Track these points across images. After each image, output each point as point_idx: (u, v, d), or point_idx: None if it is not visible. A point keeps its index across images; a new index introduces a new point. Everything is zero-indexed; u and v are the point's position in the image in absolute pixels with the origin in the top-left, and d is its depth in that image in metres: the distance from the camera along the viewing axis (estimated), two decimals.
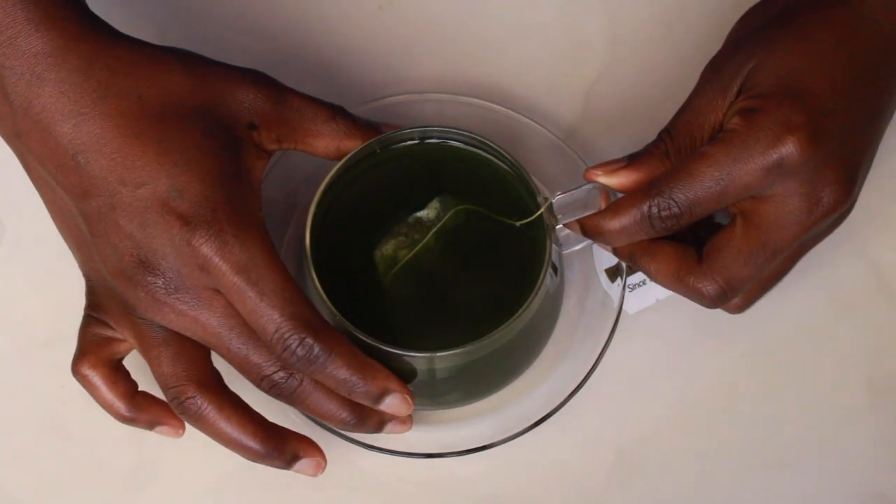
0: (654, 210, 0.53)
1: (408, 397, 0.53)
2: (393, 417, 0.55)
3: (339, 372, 0.52)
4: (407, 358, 0.54)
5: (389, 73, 0.67)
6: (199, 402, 0.53)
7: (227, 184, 0.51)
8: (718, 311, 0.62)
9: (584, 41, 0.68)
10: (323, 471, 0.56)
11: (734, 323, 0.63)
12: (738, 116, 0.52)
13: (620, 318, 0.61)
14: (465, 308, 0.56)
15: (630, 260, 0.56)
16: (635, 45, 0.67)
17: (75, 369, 0.56)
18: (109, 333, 0.55)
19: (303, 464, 0.55)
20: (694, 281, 0.54)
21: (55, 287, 0.63)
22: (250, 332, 0.52)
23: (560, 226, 0.56)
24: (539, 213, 0.56)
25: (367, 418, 0.54)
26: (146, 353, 0.54)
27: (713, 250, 0.54)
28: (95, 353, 0.55)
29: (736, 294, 0.54)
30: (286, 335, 0.50)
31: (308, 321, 0.51)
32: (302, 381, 0.52)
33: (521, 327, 0.55)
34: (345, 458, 0.61)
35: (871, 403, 0.62)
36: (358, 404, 0.54)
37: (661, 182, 0.53)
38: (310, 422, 0.59)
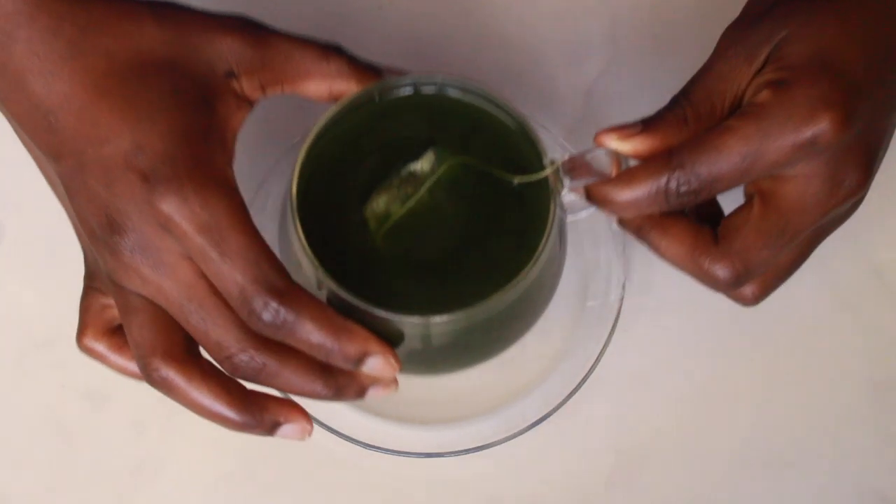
0: (673, 185, 0.49)
1: (391, 358, 0.50)
2: (375, 381, 0.51)
3: (312, 335, 0.48)
4: (394, 321, 0.50)
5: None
6: (164, 374, 0.50)
7: (192, 139, 0.49)
8: (717, 312, 0.62)
9: (584, 41, 0.68)
10: (310, 434, 0.52)
11: (734, 323, 0.63)
12: (769, 89, 0.49)
13: (620, 318, 0.61)
14: (461, 270, 0.52)
15: (638, 233, 0.52)
16: (635, 45, 0.67)
17: (79, 343, 0.54)
18: (104, 300, 0.54)
19: (286, 429, 0.52)
20: (710, 263, 0.51)
21: (55, 287, 0.63)
22: (215, 306, 0.49)
23: (566, 192, 0.52)
24: (544, 174, 0.51)
25: (345, 388, 0.51)
26: (122, 319, 0.51)
27: (730, 231, 0.51)
28: (95, 323, 0.54)
29: (750, 279, 0.52)
30: (250, 299, 0.47)
31: (273, 283, 0.48)
32: (265, 363, 0.49)
33: (521, 293, 0.52)
34: (344, 457, 0.61)
35: (872, 403, 0.62)
36: (333, 375, 0.50)
37: (682, 154, 0.49)
38: (314, 425, 0.59)
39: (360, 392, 0.51)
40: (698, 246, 0.51)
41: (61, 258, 0.63)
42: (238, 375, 0.50)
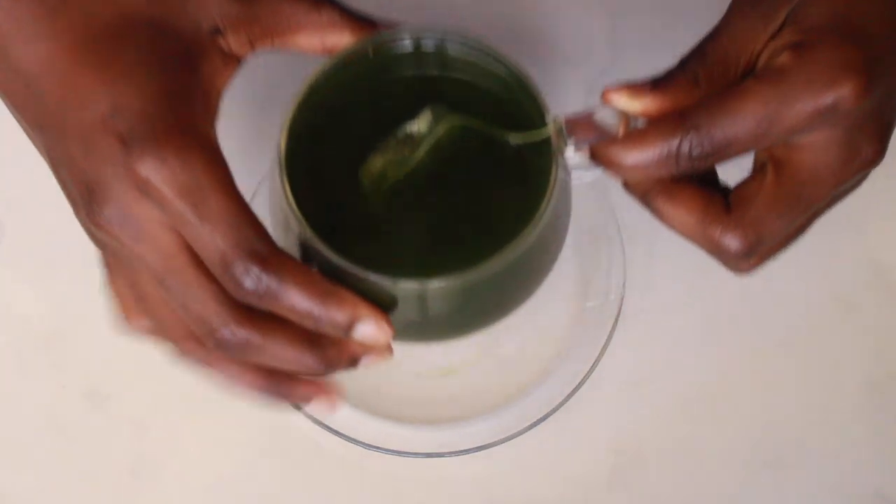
0: (686, 147, 0.46)
1: (383, 324, 0.47)
2: (368, 350, 0.49)
3: (298, 302, 0.46)
4: (387, 285, 0.47)
5: None
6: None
7: (173, 98, 0.47)
8: (717, 312, 0.62)
9: (584, 40, 0.68)
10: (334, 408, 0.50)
11: (734, 323, 0.63)
12: (789, 51, 0.46)
13: (620, 318, 0.61)
14: (459, 234, 0.50)
15: (643, 199, 0.50)
16: (635, 44, 0.67)
17: (131, 325, 0.52)
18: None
19: (314, 404, 0.50)
20: (721, 233, 0.48)
21: (55, 287, 0.63)
22: (195, 278, 0.46)
23: (570, 153, 0.49)
24: (545, 133, 0.49)
25: (336, 359, 0.48)
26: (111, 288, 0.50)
27: (742, 200, 0.48)
28: (129, 300, 0.52)
29: (760, 250, 0.49)
30: (231, 264, 0.45)
31: (255, 248, 0.45)
32: (249, 337, 0.46)
33: (521, 256, 0.49)
34: (344, 457, 0.61)
35: (871, 403, 0.62)
36: (323, 347, 0.48)
37: (697, 115, 0.46)
38: (314, 425, 0.60)
39: (353, 362, 0.49)
40: (709, 215, 0.48)
41: (61, 258, 0.64)
42: (223, 352, 0.47)
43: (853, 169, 0.48)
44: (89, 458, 0.61)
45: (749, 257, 0.49)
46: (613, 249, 0.63)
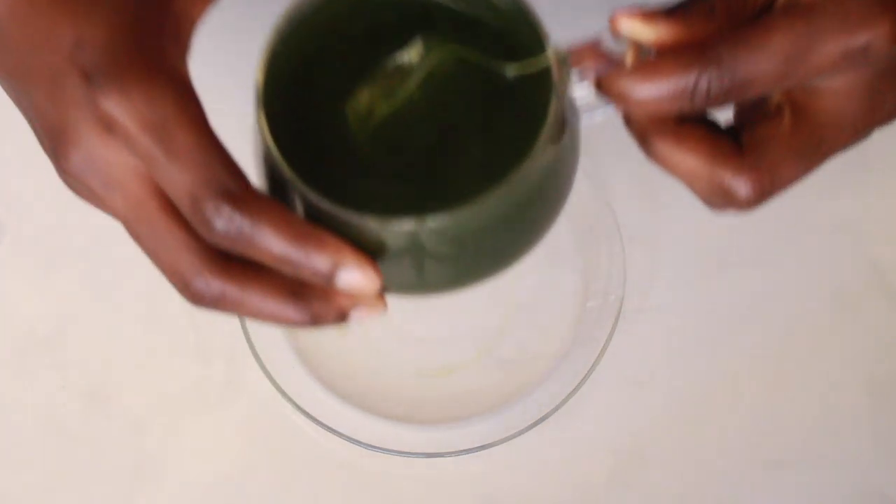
0: (704, 82, 0.42)
1: (370, 269, 0.43)
2: (357, 302, 0.44)
3: (273, 244, 0.42)
4: (373, 227, 0.42)
5: None
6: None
7: (139, 29, 0.44)
8: (717, 312, 0.62)
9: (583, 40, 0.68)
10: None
11: (734, 323, 0.63)
12: None
13: (620, 318, 0.61)
14: (452, 174, 0.45)
15: (643, 139, 0.45)
16: None
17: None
18: None
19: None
20: (732, 177, 0.44)
21: (55, 287, 0.63)
22: (166, 225, 0.43)
23: (575, 86, 0.45)
24: (546, 62, 0.44)
25: (322, 312, 0.44)
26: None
27: (757, 143, 0.44)
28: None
29: (769, 199, 0.45)
30: (201, 204, 0.42)
31: (227, 186, 0.42)
32: (225, 288, 0.43)
33: (521, 196, 0.44)
34: (345, 457, 0.61)
35: (871, 403, 0.62)
36: (307, 298, 0.44)
37: (719, 48, 0.42)
38: (314, 425, 0.60)
39: (341, 316, 0.44)
40: (717, 157, 0.44)
41: (61, 258, 0.64)
42: (200, 305, 0.44)
43: (875, 120, 0.45)
44: (89, 458, 0.61)
45: (758, 203, 0.45)
46: (613, 249, 0.63)
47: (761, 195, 0.45)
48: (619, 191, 0.65)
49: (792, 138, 0.44)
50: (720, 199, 0.45)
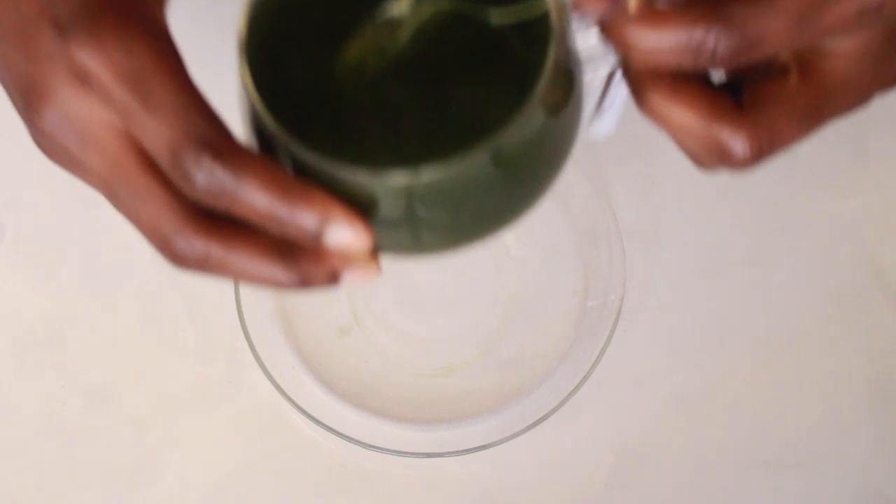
0: (712, 40, 0.41)
1: (360, 225, 0.40)
2: (349, 263, 0.42)
3: (257, 199, 0.40)
4: (363, 180, 0.40)
5: None
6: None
7: None
8: (717, 312, 0.62)
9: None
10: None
11: (734, 323, 0.63)
12: None
13: (620, 318, 0.61)
14: (446, 129, 0.43)
15: (639, 90, 0.44)
16: None
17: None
18: None
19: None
20: (730, 133, 0.42)
21: (55, 287, 0.63)
22: (145, 182, 0.41)
23: (575, 32, 0.42)
24: (544, 7, 0.42)
25: (312, 273, 0.42)
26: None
27: (759, 101, 0.43)
28: None
29: (767, 158, 0.43)
30: (181, 156, 0.40)
31: (207, 137, 0.40)
32: (208, 248, 0.41)
33: (520, 145, 0.42)
34: (345, 457, 0.61)
35: (871, 403, 0.62)
36: (295, 258, 0.42)
37: (731, 4, 0.41)
38: (314, 425, 0.60)
39: (332, 277, 0.42)
40: (716, 114, 0.43)
41: (61, 258, 0.63)
42: (184, 267, 0.42)
43: (880, 84, 0.44)
44: (89, 458, 0.61)
45: (755, 163, 0.44)
46: (613, 249, 0.63)
47: (759, 154, 0.43)
48: (619, 191, 0.65)
49: (796, 98, 0.43)
50: (715, 156, 0.44)
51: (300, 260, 0.42)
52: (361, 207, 0.40)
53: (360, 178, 0.39)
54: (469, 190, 0.41)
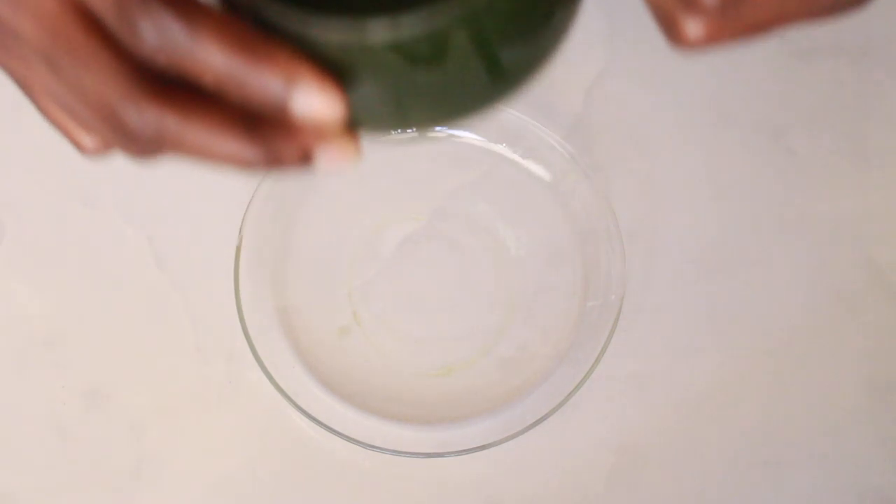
0: None
1: (330, 88, 0.35)
2: (322, 139, 0.37)
3: (214, 56, 0.35)
4: (337, 35, 0.34)
5: None
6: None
7: None
8: (717, 312, 0.62)
9: (583, 41, 0.68)
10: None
11: (734, 323, 0.63)
12: None
13: (620, 318, 0.61)
14: None
15: None
16: (635, 44, 0.67)
17: (85, 156, 0.43)
18: None
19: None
20: None
21: (55, 287, 0.63)
22: (87, 44, 0.37)
23: None
24: None
25: (283, 152, 0.37)
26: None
27: None
28: None
29: (729, 18, 0.40)
30: (127, 7, 0.35)
31: None
32: (163, 117, 0.36)
33: None
34: (344, 457, 0.61)
35: (871, 403, 0.62)
36: (260, 130, 0.37)
37: None
38: (314, 425, 0.60)
39: (305, 156, 0.37)
40: None
41: (61, 258, 0.64)
42: (138, 147, 0.38)
43: (808, 10, 0.40)
44: (89, 458, 0.61)
45: (719, 14, 0.40)
46: (613, 249, 0.63)
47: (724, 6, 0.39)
48: (619, 191, 0.65)
49: None
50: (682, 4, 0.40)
51: (267, 134, 0.37)
52: (334, 72, 0.35)
53: (331, 32, 0.34)
54: (459, 45, 0.36)
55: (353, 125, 0.36)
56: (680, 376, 0.62)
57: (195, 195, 0.65)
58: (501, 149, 0.66)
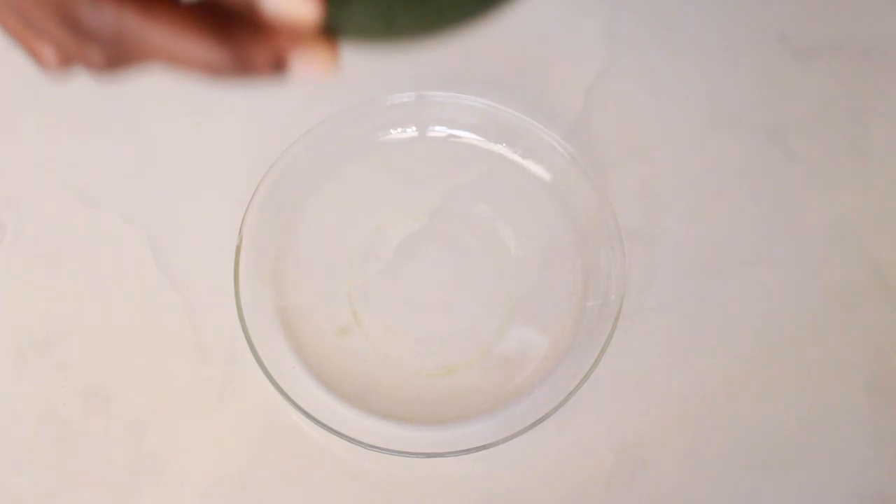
0: None
1: None
2: (296, 43, 0.34)
3: None
4: None
5: (388, 74, 0.67)
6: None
7: None
8: (717, 312, 0.62)
9: (584, 40, 0.68)
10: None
11: (734, 323, 0.63)
12: None
13: (620, 318, 0.61)
14: None
15: None
16: (635, 44, 0.67)
17: (46, 73, 0.39)
18: None
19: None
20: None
21: (55, 287, 0.63)
22: None
23: None
24: None
25: (254, 56, 0.34)
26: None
27: None
28: None
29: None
30: None
31: None
32: (121, 14, 0.34)
33: None
34: (344, 457, 0.61)
35: (872, 403, 0.62)
36: (233, 38, 0.34)
37: None
38: (314, 425, 0.60)
39: (278, 62, 0.34)
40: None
41: (61, 258, 0.64)
42: (96, 53, 0.35)
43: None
44: (89, 458, 0.61)
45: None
46: (613, 249, 0.63)
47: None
48: (619, 191, 0.65)
49: None
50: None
51: (237, 35, 0.34)
52: None
53: None
54: None
55: (331, 31, 0.33)
56: (680, 376, 0.62)
57: (195, 195, 0.65)
58: (501, 149, 0.66)
